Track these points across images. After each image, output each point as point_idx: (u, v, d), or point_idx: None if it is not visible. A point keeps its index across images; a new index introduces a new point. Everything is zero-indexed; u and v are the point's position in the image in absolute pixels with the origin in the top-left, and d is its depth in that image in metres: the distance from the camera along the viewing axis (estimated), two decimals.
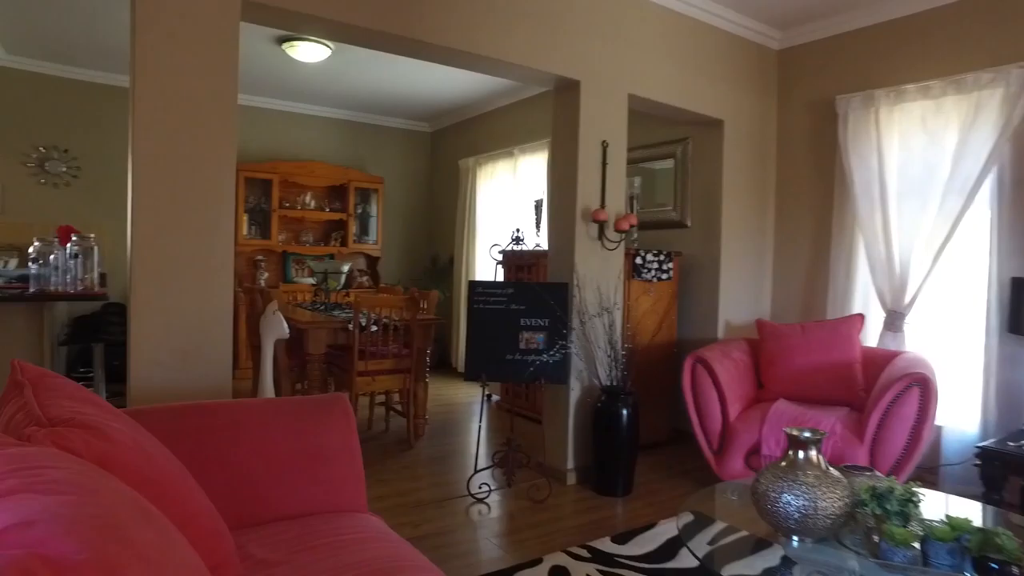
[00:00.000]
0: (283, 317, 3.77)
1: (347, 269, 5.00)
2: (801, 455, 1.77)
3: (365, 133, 7.07)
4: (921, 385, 2.81)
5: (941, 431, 3.39)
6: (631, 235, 4.12)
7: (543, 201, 4.94)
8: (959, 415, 3.39)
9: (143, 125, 2.30)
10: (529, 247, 3.82)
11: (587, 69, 3.44)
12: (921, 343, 3.55)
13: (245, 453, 1.71)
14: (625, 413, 3.27)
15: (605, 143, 3.53)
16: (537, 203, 5.03)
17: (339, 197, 6.77)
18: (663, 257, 4.12)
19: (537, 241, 4.81)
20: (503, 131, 6.20)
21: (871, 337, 3.70)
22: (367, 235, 6.97)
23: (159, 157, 2.33)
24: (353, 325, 3.81)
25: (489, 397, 5.48)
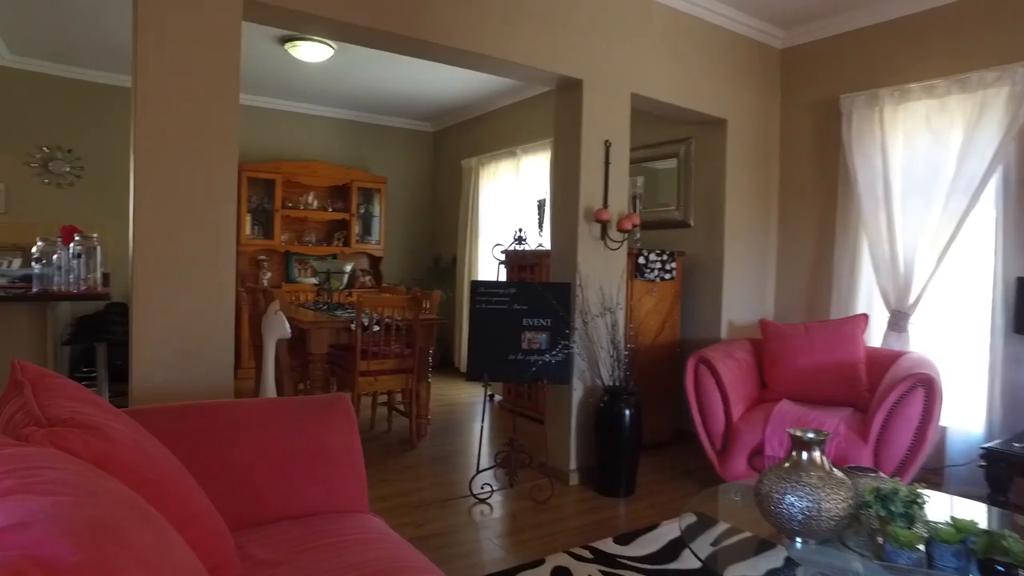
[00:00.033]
0: (285, 317, 3.76)
1: (350, 269, 5.00)
2: (805, 456, 1.76)
3: (368, 133, 7.07)
4: (926, 385, 2.79)
5: (946, 432, 3.37)
6: (634, 235, 4.11)
7: (546, 201, 4.94)
8: (964, 416, 3.37)
9: (144, 124, 2.30)
10: (532, 247, 3.81)
11: (590, 68, 3.43)
12: (925, 343, 3.53)
13: (246, 453, 1.71)
14: (628, 413, 3.27)
15: (608, 142, 3.52)
16: (540, 203, 5.03)
17: (342, 197, 6.77)
18: (666, 257, 4.11)
19: (540, 241, 4.81)
20: (506, 131, 6.20)
21: (875, 337, 3.68)
22: (370, 235, 6.97)
23: (160, 157, 2.33)
24: (355, 325, 3.81)
25: (492, 397, 5.48)
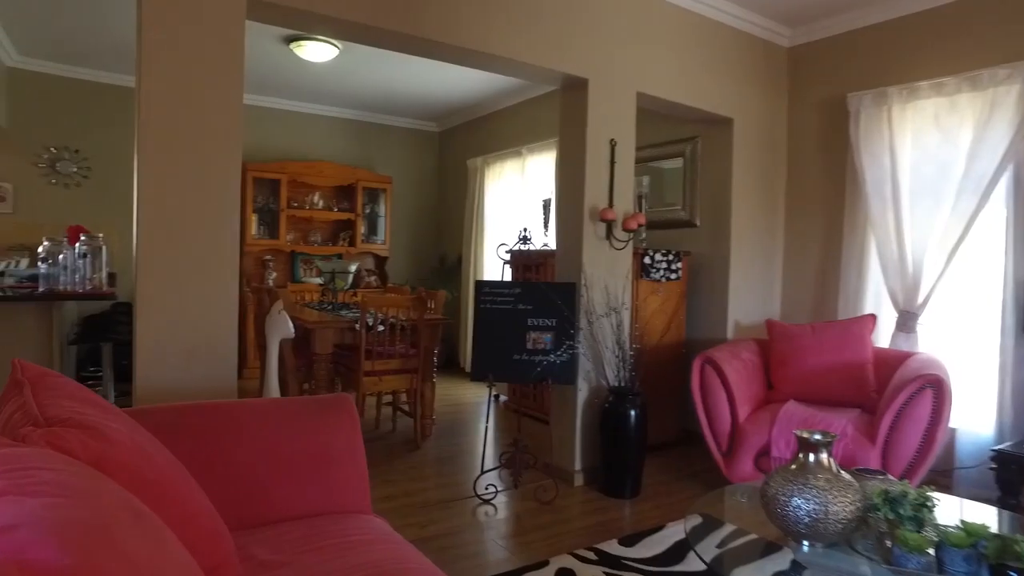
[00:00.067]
0: (289, 317, 3.76)
1: (355, 269, 5.00)
2: (812, 458, 1.74)
3: (373, 133, 7.08)
4: (935, 386, 2.76)
5: (955, 433, 3.33)
6: (639, 235, 4.08)
7: (551, 200, 4.92)
8: (974, 417, 3.33)
9: (148, 124, 2.29)
10: (537, 247, 3.80)
11: (595, 67, 3.42)
12: (934, 344, 3.49)
13: (247, 453, 1.70)
14: (633, 414, 3.25)
15: (613, 142, 3.50)
16: (545, 202, 5.01)
17: (347, 197, 6.78)
18: (672, 257, 4.08)
19: (545, 241, 4.79)
20: (511, 130, 6.18)
21: (883, 338, 3.64)
22: (375, 235, 6.97)
23: (164, 156, 2.33)
24: (360, 325, 3.80)
25: (496, 397, 5.46)
